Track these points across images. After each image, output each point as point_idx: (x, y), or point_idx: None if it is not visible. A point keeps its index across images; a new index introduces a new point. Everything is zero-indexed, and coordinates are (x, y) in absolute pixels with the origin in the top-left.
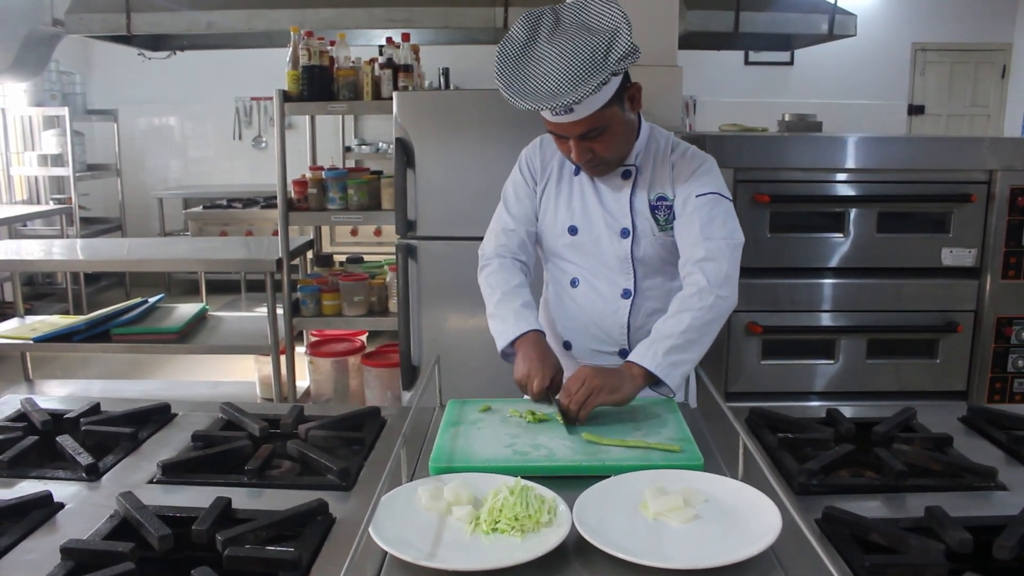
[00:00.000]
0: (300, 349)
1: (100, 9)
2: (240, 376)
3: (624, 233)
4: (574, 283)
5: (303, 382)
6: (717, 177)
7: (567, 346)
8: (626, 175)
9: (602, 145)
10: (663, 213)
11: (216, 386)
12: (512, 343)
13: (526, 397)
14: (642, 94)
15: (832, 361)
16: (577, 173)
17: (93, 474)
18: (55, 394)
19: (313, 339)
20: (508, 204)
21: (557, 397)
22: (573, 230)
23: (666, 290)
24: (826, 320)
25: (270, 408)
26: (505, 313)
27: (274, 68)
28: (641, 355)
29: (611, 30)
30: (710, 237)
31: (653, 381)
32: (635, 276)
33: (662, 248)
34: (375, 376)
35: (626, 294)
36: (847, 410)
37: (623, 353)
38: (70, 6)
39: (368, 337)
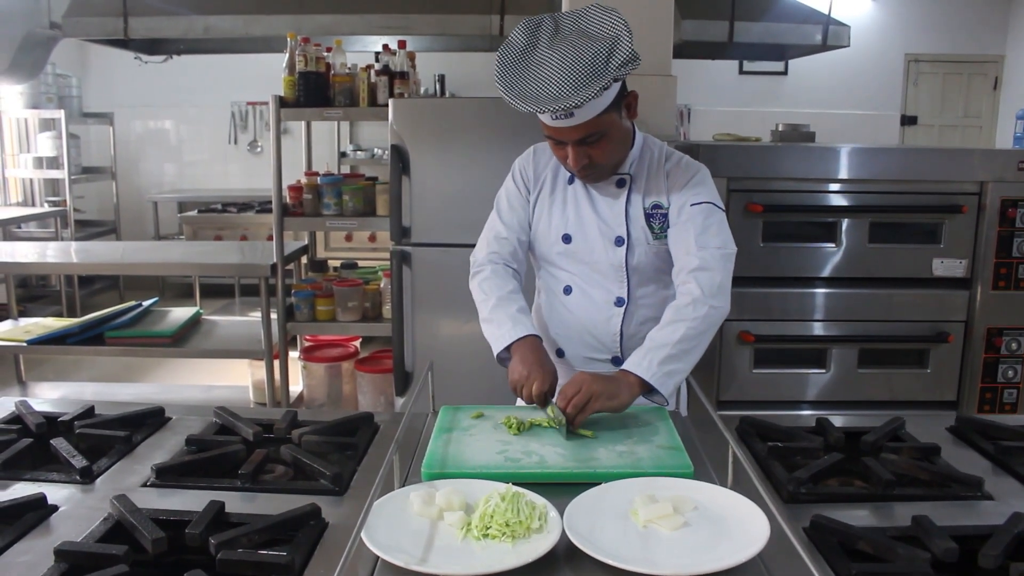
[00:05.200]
0: (294, 354)
1: (98, 13)
2: (233, 380)
3: (619, 241)
4: (567, 290)
5: (296, 387)
6: (711, 187)
7: (560, 353)
8: (621, 183)
9: (599, 151)
10: (658, 221)
11: (209, 390)
12: (508, 348)
13: (520, 402)
14: (638, 102)
15: (823, 370)
16: (571, 182)
17: (87, 477)
18: (48, 397)
19: (307, 344)
20: (501, 212)
21: (554, 401)
22: (567, 238)
23: (659, 298)
24: (818, 329)
25: (264, 413)
26: (501, 318)
27: (271, 73)
28: (636, 364)
29: (612, 37)
30: (704, 246)
31: (647, 390)
32: (628, 284)
33: (656, 257)
34: (368, 381)
35: (619, 302)
36: (838, 419)
37: (616, 361)
38: (68, 9)
39: (362, 343)
